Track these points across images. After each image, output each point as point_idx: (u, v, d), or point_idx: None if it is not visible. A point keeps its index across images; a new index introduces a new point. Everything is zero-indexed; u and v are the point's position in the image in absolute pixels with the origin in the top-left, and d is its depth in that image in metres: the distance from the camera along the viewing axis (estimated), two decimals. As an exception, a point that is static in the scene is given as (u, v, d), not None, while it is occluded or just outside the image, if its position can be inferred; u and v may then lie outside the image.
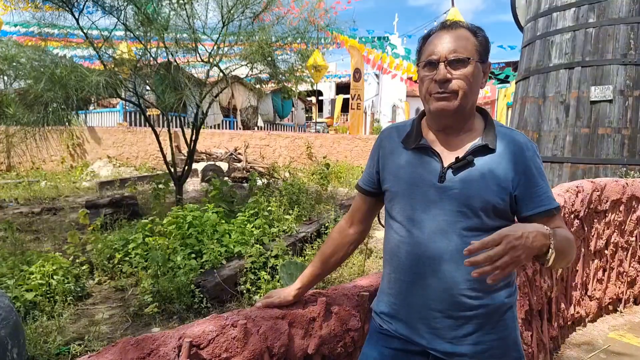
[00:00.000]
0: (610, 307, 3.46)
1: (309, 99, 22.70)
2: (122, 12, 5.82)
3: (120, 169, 11.16)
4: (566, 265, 1.17)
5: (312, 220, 5.47)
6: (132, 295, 3.77)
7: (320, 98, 29.16)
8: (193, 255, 4.08)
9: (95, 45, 5.74)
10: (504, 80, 18.29)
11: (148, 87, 6.77)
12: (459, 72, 1.15)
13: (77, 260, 3.99)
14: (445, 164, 1.21)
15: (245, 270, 3.81)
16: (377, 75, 24.97)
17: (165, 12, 6.10)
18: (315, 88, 17.68)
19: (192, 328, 1.23)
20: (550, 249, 0.99)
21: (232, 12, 6.32)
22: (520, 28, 8.80)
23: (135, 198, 6.49)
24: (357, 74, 17.56)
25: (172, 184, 6.43)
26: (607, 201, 3.19)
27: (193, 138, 6.53)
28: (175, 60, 6.35)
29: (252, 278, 3.73)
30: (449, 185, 1.19)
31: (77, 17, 5.51)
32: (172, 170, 6.38)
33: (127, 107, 14.00)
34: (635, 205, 3.45)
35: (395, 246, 1.30)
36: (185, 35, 6.35)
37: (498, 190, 1.17)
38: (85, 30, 5.58)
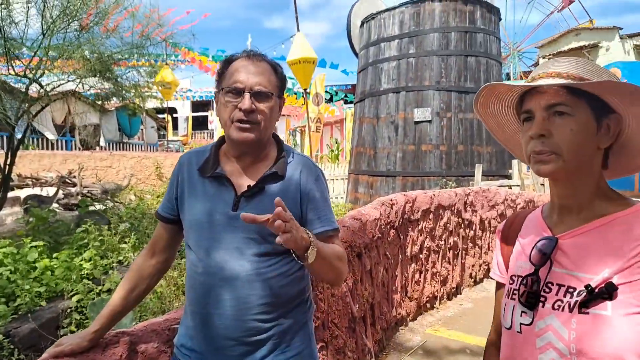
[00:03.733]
0: (428, 305, 3.93)
1: (160, 116, 21.56)
2: None
3: None
4: (333, 276, 1.25)
5: (155, 247, 5.14)
6: None
7: (175, 115, 27.88)
8: (3, 300, 3.49)
9: None
10: (350, 101, 19.87)
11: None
12: (262, 105, 1.22)
13: None
14: (239, 193, 1.24)
15: (69, 310, 3.39)
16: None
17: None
18: (166, 105, 16.88)
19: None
20: (310, 247, 1.06)
21: (56, 22, 5.68)
22: (356, 54, 9.66)
23: None
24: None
25: (-20, 217, 5.46)
26: (418, 211, 3.65)
27: (8, 162, 5.65)
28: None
29: (78, 318, 3.33)
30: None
31: None
32: (-19, 200, 5.42)
33: None
34: (442, 213, 4.01)
35: (192, 278, 1.28)
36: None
37: None
38: None
